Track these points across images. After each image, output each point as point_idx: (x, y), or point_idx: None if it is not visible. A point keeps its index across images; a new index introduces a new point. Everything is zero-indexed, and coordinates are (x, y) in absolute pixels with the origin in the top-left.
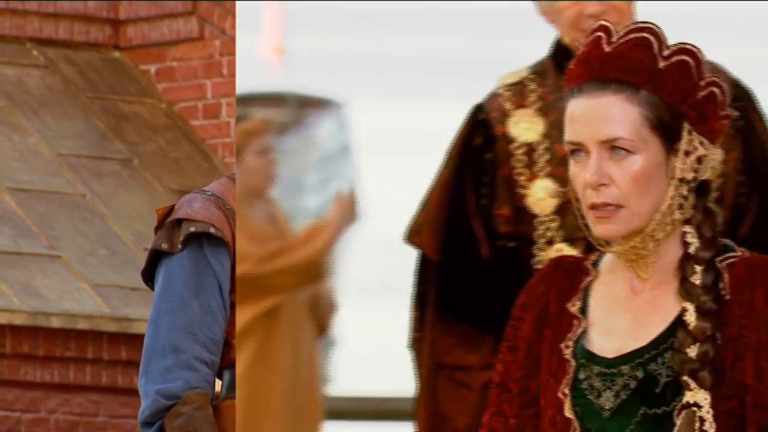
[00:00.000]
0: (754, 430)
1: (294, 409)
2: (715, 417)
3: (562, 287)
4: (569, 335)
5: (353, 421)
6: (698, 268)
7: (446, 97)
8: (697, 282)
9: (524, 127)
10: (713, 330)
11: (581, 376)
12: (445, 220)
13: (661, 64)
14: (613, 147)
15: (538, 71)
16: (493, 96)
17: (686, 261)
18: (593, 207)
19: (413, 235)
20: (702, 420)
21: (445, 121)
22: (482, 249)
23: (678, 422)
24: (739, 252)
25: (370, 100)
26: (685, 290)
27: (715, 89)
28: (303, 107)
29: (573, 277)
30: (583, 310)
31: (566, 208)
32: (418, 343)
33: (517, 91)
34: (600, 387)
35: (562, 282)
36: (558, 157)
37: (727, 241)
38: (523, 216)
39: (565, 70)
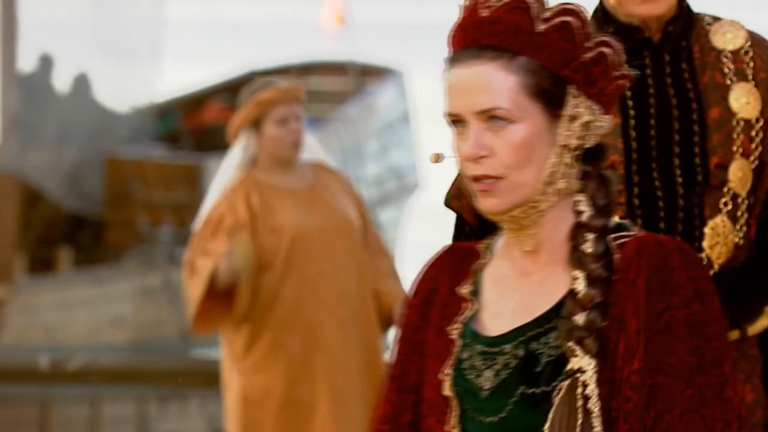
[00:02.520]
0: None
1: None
2: (598, 399)
3: (454, 271)
4: (457, 317)
5: None
6: (590, 236)
7: None
8: (589, 250)
9: None
10: (602, 297)
11: (464, 356)
12: None
13: (540, 27)
14: (491, 117)
15: None
16: None
17: (578, 229)
18: (474, 180)
19: (452, 199)
20: (585, 384)
21: None
22: None
23: (561, 392)
24: (634, 231)
25: (429, 68)
26: (576, 258)
27: (605, 49)
28: (363, 76)
29: (464, 261)
30: (475, 292)
31: None
32: None
33: None
34: (481, 366)
35: (453, 266)
36: None
37: (625, 222)
38: None
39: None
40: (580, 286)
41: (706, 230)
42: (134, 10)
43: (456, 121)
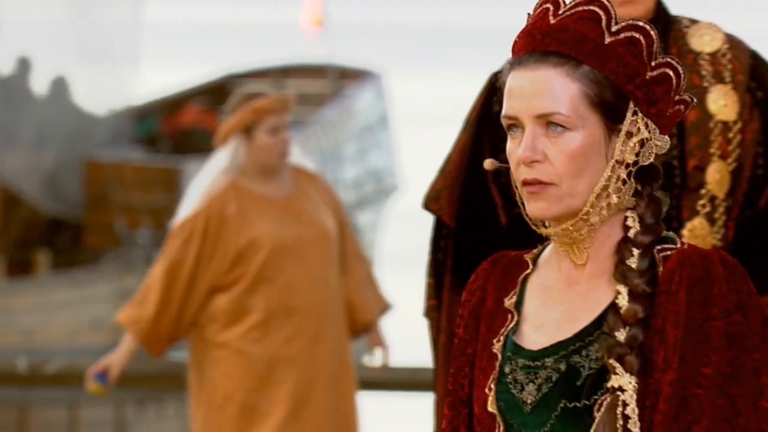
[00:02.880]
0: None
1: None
2: (641, 416)
3: (500, 282)
4: (501, 330)
5: (387, 391)
6: (635, 252)
7: (483, 67)
8: (633, 266)
9: None
10: (644, 313)
11: (506, 369)
12: (462, 187)
13: (608, 39)
14: (548, 123)
15: None
16: None
17: (624, 244)
18: (525, 183)
19: (431, 202)
20: (625, 404)
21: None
22: (500, 216)
23: (601, 409)
24: (678, 244)
25: (407, 70)
26: (620, 273)
27: (669, 71)
28: (342, 78)
29: (512, 271)
30: (519, 304)
31: None
32: (432, 311)
33: None
34: (523, 380)
35: (500, 277)
36: None
37: (670, 234)
38: None
39: None
40: (623, 301)
41: (684, 232)
42: (112, 13)
43: (511, 125)
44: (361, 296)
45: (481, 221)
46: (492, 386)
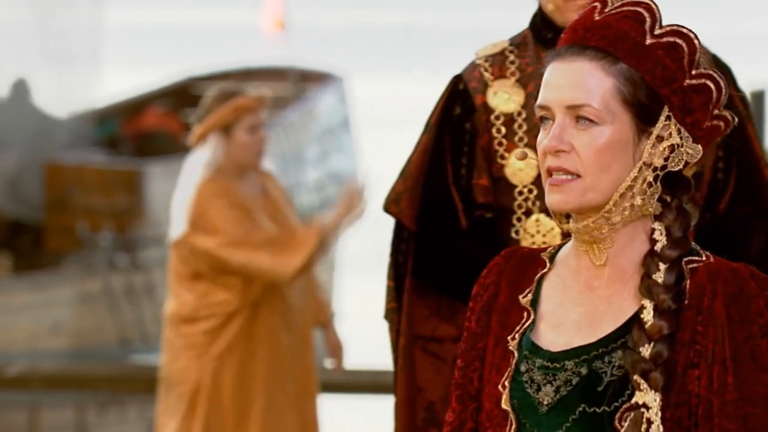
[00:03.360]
0: None
1: (285, 394)
2: (662, 424)
3: (514, 278)
4: (517, 327)
5: (348, 394)
6: (662, 266)
7: (445, 70)
8: (659, 280)
9: (503, 98)
10: (669, 330)
11: (522, 368)
12: (423, 190)
13: (649, 40)
14: (578, 115)
15: (518, 43)
16: (473, 66)
17: (650, 257)
18: (549, 172)
19: (391, 204)
20: (649, 422)
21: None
22: (460, 219)
23: (625, 423)
24: (704, 257)
25: (369, 73)
26: (646, 287)
27: (710, 83)
28: (303, 81)
29: (527, 268)
30: (534, 301)
31: None
32: (393, 313)
33: (497, 62)
34: (540, 380)
35: (514, 273)
36: (537, 128)
37: (694, 245)
38: (502, 186)
39: (544, 41)
40: (648, 316)
41: None
42: (74, 16)
43: (543, 116)
44: (318, 295)
45: (441, 224)
46: (506, 384)
